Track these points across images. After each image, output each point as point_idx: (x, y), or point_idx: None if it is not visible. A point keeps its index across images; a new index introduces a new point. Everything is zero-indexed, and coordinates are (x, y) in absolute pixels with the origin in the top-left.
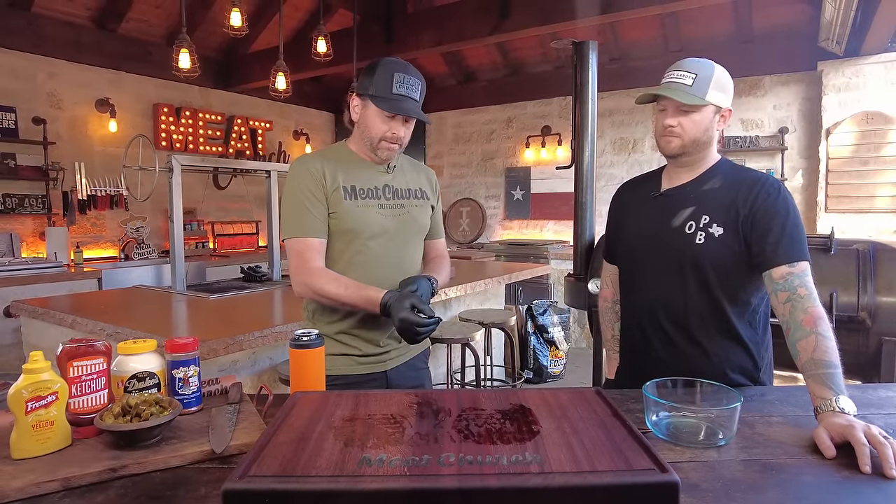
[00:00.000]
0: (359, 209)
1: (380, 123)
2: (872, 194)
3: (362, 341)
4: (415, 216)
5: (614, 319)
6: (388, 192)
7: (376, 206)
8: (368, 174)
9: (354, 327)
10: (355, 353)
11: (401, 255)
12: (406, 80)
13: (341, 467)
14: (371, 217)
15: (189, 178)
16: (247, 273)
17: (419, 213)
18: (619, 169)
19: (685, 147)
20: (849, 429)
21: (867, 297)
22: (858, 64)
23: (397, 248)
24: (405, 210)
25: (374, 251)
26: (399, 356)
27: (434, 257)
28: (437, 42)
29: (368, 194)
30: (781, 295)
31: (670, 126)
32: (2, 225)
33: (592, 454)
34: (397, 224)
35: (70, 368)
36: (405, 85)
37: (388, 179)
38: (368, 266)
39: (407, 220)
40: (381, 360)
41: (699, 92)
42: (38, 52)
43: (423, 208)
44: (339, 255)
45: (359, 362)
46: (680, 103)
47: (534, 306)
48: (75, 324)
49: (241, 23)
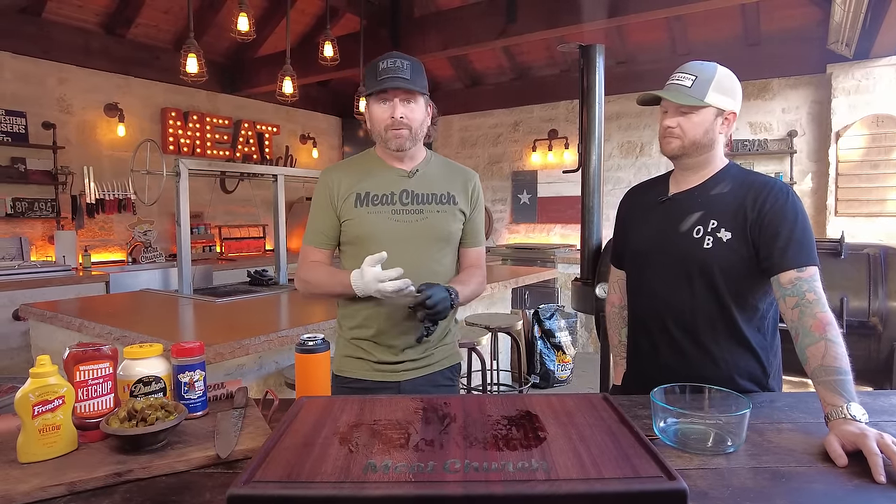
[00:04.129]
0: (369, 216)
1: (379, 113)
2: (883, 198)
3: (380, 348)
4: (435, 222)
5: (621, 325)
6: (405, 198)
7: (389, 213)
8: (388, 179)
9: (374, 335)
10: (371, 359)
11: (417, 262)
12: (390, 62)
13: (346, 473)
14: (381, 223)
15: (196, 182)
16: (253, 277)
17: (442, 219)
18: (626, 172)
19: (685, 148)
20: (861, 437)
21: (878, 302)
22: (868, 66)
23: (413, 256)
24: (424, 216)
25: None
26: (416, 368)
27: (466, 267)
28: (443, 46)
29: (383, 200)
30: (790, 300)
31: (669, 127)
32: (11, 228)
33: (599, 461)
34: (413, 230)
35: (77, 372)
36: (389, 65)
37: (408, 184)
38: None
39: (426, 226)
40: (396, 370)
41: (698, 93)
42: (48, 58)
43: (448, 214)
44: (353, 261)
45: (374, 368)
46: (679, 105)
47: (540, 310)
48: (83, 327)
49: (248, 27)
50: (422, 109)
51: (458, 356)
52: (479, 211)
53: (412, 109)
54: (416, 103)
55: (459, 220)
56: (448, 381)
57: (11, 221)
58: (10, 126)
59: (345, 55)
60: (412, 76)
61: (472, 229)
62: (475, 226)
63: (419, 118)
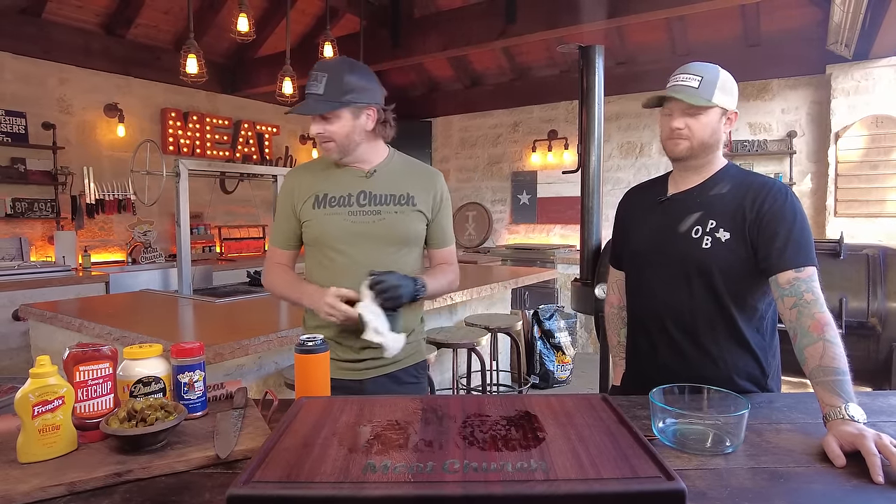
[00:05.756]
0: (325, 217)
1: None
2: (882, 198)
3: (341, 346)
4: (393, 223)
5: (620, 325)
6: (363, 199)
7: (346, 214)
8: (346, 181)
9: (335, 334)
10: (333, 356)
11: (376, 262)
12: (309, 77)
13: (345, 473)
14: (337, 225)
15: (196, 182)
16: (253, 277)
17: (400, 220)
18: (626, 173)
19: (693, 149)
20: (859, 438)
21: (877, 302)
22: (868, 67)
23: (371, 256)
24: (382, 217)
25: (340, 259)
26: (377, 367)
27: (435, 265)
28: (443, 46)
29: (340, 202)
30: (788, 300)
31: (678, 129)
32: (11, 229)
33: (598, 461)
34: (371, 231)
35: (76, 373)
36: (308, 81)
37: (366, 185)
38: (336, 273)
39: (383, 227)
40: (357, 368)
41: (706, 94)
42: (48, 58)
43: (406, 215)
44: (313, 262)
45: (337, 366)
46: (687, 106)
47: (540, 311)
48: (82, 328)
49: (248, 28)
50: (344, 121)
51: (423, 354)
52: (444, 212)
53: (331, 123)
54: (335, 117)
55: (420, 220)
56: (413, 378)
57: (11, 222)
58: (10, 126)
59: (345, 55)
60: (327, 90)
61: (438, 231)
62: (441, 227)
63: (342, 131)
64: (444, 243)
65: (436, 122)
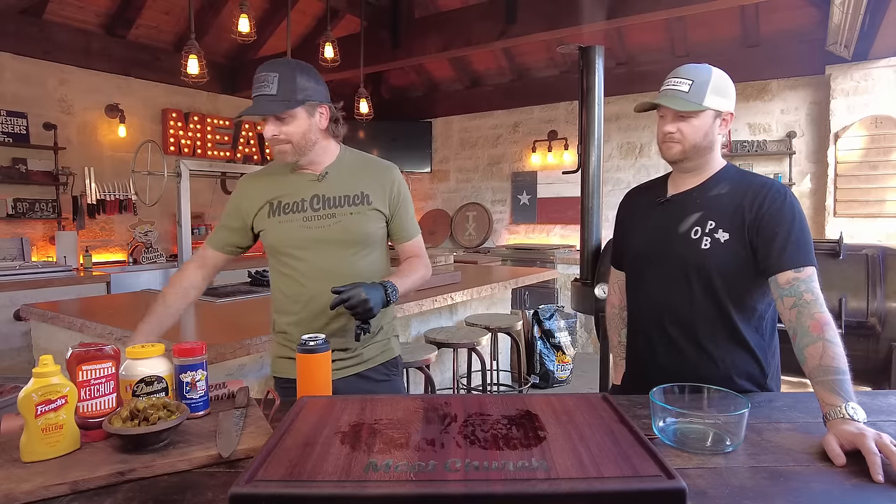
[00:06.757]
0: (280, 225)
1: (263, 130)
2: (882, 199)
3: None
4: (349, 225)
5: (621, 325)
6: (316, 203)
7: (301, 220)
8: (298, 186)
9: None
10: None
11: (336, 266)
12: (259, 77)
13: (347, 472)
14: (292, 232)
15: (197, 182)
16: (254, 277)
17: (356, 221)
18: (625, 173)
19: (686, 153)
20: (859, 437)
21: (877, 302)
22: (867, 68)
23: (329, 261)
24: (337, 220)
25: (299, 266)
26: (346, 367)
27: (405, 259)
28: (443, 47)
29: (294, 208)
30: (787, 300)
31: (670, 133)
32: (13, 229)
33: (599, 460)
34: (327, 235)
35: (79, 372)
36: (257, 84)
37: (318, 188)
38: (296, 280)
39: (339, 230)
40: None
41: (696, 98)
42: (49, 59)
43: (362, 215)
44: (272, 271)
45: None
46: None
47: (540, 311)
48: (84, 328)
49: (249, 29)
50: (300, 121)
51: (395, 351)
52: (404, 206)
53: (287, 123)
54: (291, 118)
55: (377, 219)
56: (384, 377)
57: (12, 222)
58: (12, 127)
59: (345, 56)
60: (281, 90)
61: (400, 225)
62: (403, 221)
63: (298, 130)
64: (409, 236)
65: (436, 122)
